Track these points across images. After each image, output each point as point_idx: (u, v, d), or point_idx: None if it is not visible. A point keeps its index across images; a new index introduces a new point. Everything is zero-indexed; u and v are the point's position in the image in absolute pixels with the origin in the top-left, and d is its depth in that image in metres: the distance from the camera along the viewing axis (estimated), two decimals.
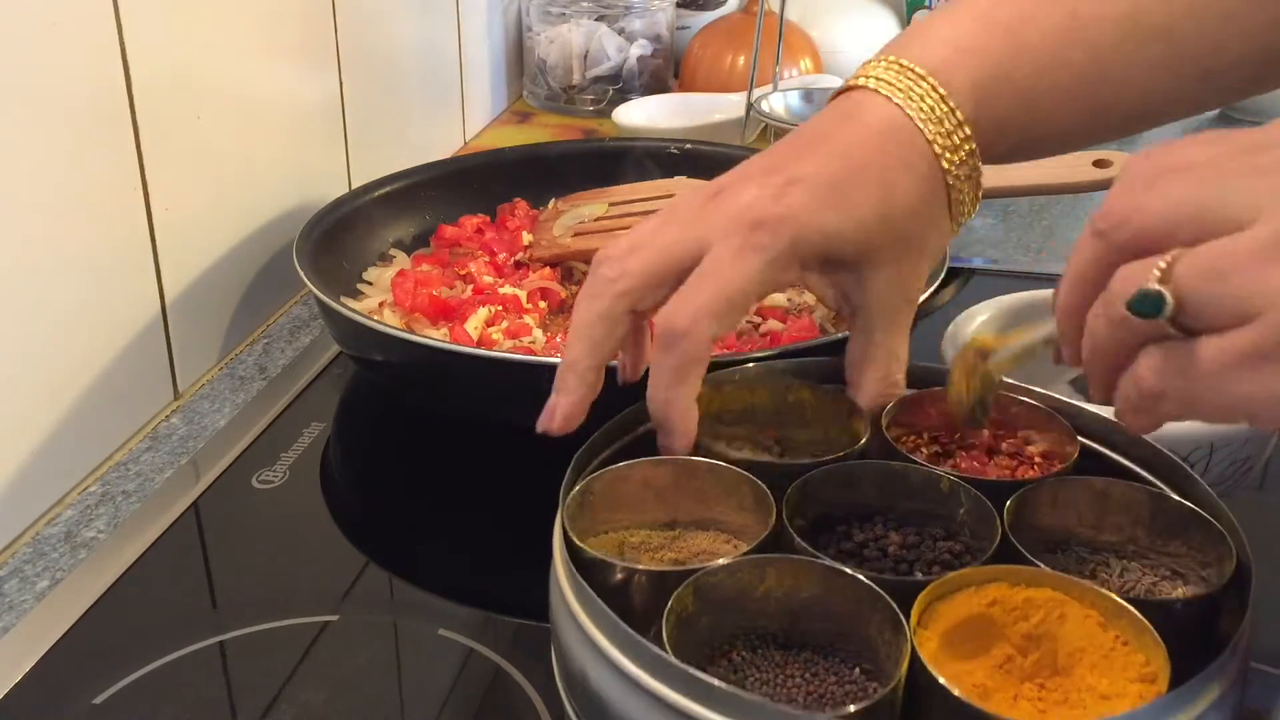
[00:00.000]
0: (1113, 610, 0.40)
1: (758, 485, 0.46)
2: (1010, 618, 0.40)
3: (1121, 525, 0.46)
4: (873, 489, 0.48)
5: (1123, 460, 0.49)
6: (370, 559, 0.60)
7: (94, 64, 0.64)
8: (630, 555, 0.47)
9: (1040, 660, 0.40)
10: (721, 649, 0.43)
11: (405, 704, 0.50)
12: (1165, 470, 0.47)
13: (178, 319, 0.73)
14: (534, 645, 0.52)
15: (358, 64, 0.94)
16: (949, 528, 0.47)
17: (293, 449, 0.68)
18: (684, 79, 1.32)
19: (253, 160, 0.81)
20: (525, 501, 0.48)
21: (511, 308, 0.74)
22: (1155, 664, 0.38)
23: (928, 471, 0.47)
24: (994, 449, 0.51)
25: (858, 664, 0.42)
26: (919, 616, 0.40)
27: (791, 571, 0.42)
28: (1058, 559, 0.46)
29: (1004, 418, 0.51)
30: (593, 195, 0.87)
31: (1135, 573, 0.45)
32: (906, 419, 0.51)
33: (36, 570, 0.59)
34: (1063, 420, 0.50)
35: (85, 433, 0.66)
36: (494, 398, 0.63)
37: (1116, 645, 0.39)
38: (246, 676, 0.52)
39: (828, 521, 0.47)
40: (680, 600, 0.41)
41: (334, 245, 0.78)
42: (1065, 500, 0.46)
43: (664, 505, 0.48)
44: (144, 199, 0.69)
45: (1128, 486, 0.46)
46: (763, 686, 0.41)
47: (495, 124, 1.29)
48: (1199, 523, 0.44)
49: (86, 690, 0.50)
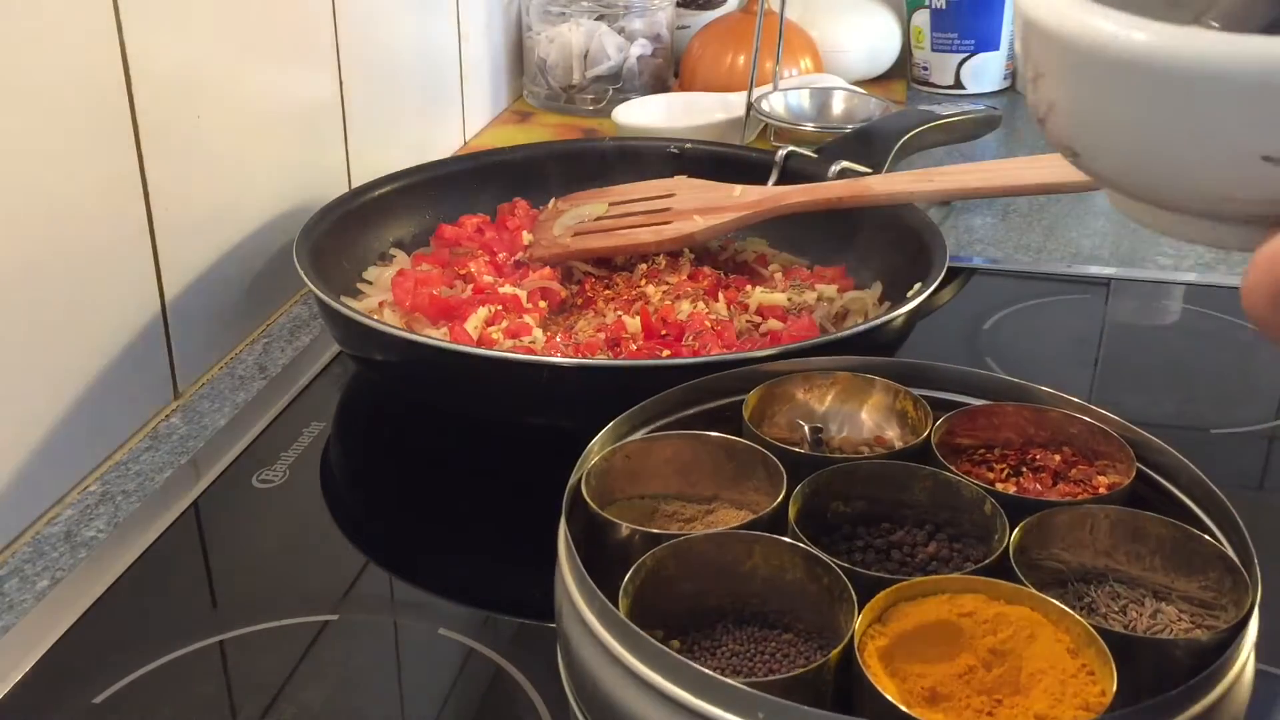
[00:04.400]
0: (1084, 638, 0.40)
1: (775, 468, 0.48)
2: (980, 630, 0.41)
3: (1141, 555, 0.45)
4: (924, 494, 0.48)
5: (1180, 494, 0.48)
6: (370, 559, 0.60)
7: (94, 64, 0.64)
8: (661, 523, 0.49)
9: (1003, 676, 0.40)
10: (708, 617, 0.45)
11: (405, 704, 0.50)
12: (1218, 512, 0.46)
13: (178, 319, 0.73)
14: (534, 645, 0.52)
15: (357, 64, 0.94)
16: (985, 539, 0.47)
17: (293, 449, 0.68)
18: (684, 79, 1.32)
19: (253, 160, 0.81)
20: (526, 501, 0.49)
21: (511, 307, 0.74)
22: (1110, 696, 0.38)
23: (959, 481, 0.48)
24: (1061, 474, 0.51)
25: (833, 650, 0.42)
26: (880, 613, 0.41)
27: (776, 552, 0.44)
28: (1089, 589, 0.45)
29: (1065, 438, 0.51)
30: (593, 195, 0.87)
31: (1169, 615, 0.44)
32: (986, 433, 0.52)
33: (36, 570, 0.59)
34: (1123, 444, 0.49)
35: (85, 432, 0.66)
36: (494, 397, 0.63)
37: (1080, 673, 0.39)
38: (246, 676, 0.52)
39: (872, 517, 0.49)
40: (657, 560, 0.43)
41: (334, 245, 0.78)
42: (1097, 527, 0.46)
43: (687, 480, 0.51)
44: (144, 199, 0.69)
45: (1157, 520, 0.45)
46: (732, 658, 0.43)
47: (495, 124, 1.29)
48: (1227, 566, 0.43)
49: (86, 690, 0.50)
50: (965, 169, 0.81)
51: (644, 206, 0.84)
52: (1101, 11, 0.33)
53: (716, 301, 0.75)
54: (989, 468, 0.51)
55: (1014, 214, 1.04)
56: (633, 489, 0.50)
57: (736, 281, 0.80)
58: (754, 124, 1.14)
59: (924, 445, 0.50)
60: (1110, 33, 0.32)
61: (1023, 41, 0.37)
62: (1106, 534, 0.46)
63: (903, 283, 0.71)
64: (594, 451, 0.49)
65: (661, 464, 0.50)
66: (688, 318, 0.72)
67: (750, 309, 0.75)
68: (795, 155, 0.89)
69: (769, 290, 0.77)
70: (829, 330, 0.73)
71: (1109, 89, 0.34)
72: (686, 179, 0.87)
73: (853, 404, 0.54)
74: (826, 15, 1.38)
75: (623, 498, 0.50)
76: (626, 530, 0.45)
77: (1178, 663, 0.40)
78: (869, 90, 1.26)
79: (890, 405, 0.54)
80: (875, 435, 0.54)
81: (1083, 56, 0.34)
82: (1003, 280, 0.90)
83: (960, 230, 1.00)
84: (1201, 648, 0.40)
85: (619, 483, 0.50)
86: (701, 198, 0.83)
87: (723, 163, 0.91)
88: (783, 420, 0.54)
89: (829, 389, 0.55)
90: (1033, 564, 0.45)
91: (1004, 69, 1.41)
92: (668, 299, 0.75)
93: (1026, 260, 0.93)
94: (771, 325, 0.73)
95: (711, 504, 0.50)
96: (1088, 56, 0.34)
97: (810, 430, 0.54)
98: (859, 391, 0.54)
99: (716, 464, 0.50)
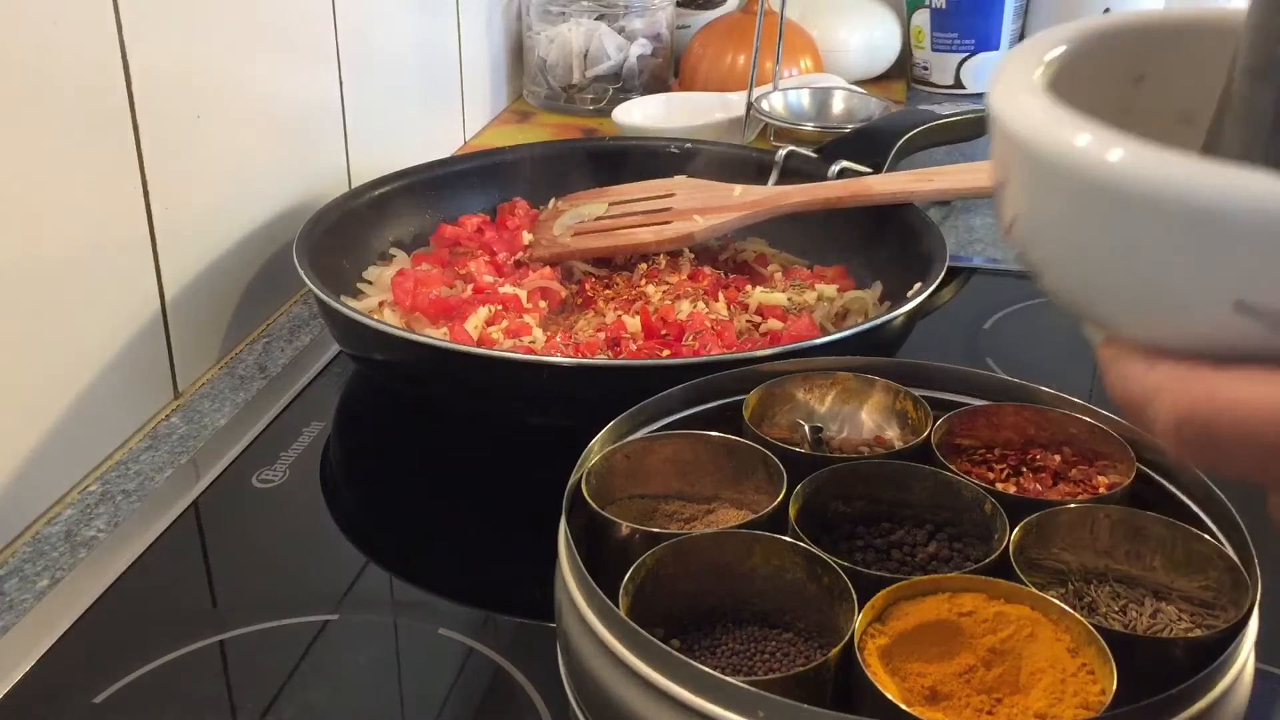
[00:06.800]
0: (1084, 637, 0.40)
1: (775, 468, 0.48)
2: (980, 629, 0.41)
3: (1141, 554, 0.45)
4: (924, 494, 0.48)
5: (1180, 494, 0.48)
6: (370, 559, 0.60)
7: (94, 64, 0.64)
8: (661, 522, 0.49)
9: (1003, 675, 0.40)
10: (707, 616, 0.45)
11: (405, 704, 0.50)
12: (1217, 512, 0.46)
13: (178, 318, 0.73)
14: (534, 645, 0.52)
15: (357, 64, 0.94)
16: (985, 539, 0.47)
17: (293, 449, 0.68)
18: (684, 78, 1.32)
19: (253, 160, 0.81)
20: (526, 500, 0.49)
21: (511, 307, 0.74)
22: (1110, 696, 0.38)
23: (959, 481, 0.48)
24: (1061, 474, 0.51)
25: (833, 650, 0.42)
26: (880, 612, 0.41)
27: (776, 551, 0.44)
28: (1089, 589, 0.45)
29: (1065, 438, 0.51)
30: (593, 195, 0.87)
31: (1169, 615, 0.44)
32: (986, 433, 0.52)
33: (36, 569, 0.59)
34: (1124, 444, 0.49)
35: (85, 432, 0.66)
36: (494, 397, 0.63)
37: (1080, 672, 0.39)
38: (246, 676, 0.52)
39: (872, 517, 0.49)
40: (657, 559, 0.43)
41: (334, 245, 0.78)
42: (1097, 527, 0.46)
43: (687, 480, 0.51)
44: (144, 199, 0.69)
45: (1157, 520, 0.45)
46: (732, 657, 0.43)
47: (495, 123, 1.29)
48: (1227, 566, 0.43)
49: (86, 690, 0.50)
50: (965, 169, 0.82)
51: (644, 206, 0.84)
52: (1072, 120, 0.28)
53: (716, 301, 0.75)
54: (989, 468, 0.51)
55: None
56: (633, 489, 0.50)
57: (736, 281, 0.80)
58: (754, 124, 1.14)
59: (924, 445, 0.50)
60: (1080, 147, 0.27)
61: (991, 140, 0.32)
62: (1106, 534, 0.46)
63: (903, 283, 0.71)
64: (594, 451, 0.49)
65: (661, 464, 0.50)
66: (688, 318, 0.72)
67: (750, 309, 0.75)
68: (795, 155, 0.89)
69: (769, 290, 0.77)
70: (829, 330, 0.73)
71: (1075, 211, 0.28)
72: (686, 179, 0.87)
73: (853, 404, 0.54)
74: (826, 15, 1.38)
75: (623, 497, 0.50)
76: (626, 529, 0.45)
77: (1178, 662, 0.40)
78: (869, 90, 1.26)
79: (890, 405, 0.54)
80: (875, 435, 0.54)
81: (1048, 170, 0.29)
82: (1003, 280, 0.90)
83: (960, 230, 1.00)
84: (1201, 647, 0.40)
85: (619, 482, 0.50)
86: (701, 197, 0.83)
87: (723, 163, 0.91)
88: (783, 420, 0.54)
89: (829, 389, 0.55)
90: (1033, 564, 0.45)
91: None
92: (668, 299, 0.75)
93: None
94: (771, 325, 0.73)
95: (711, 504, 0.51)
96: (1053, 171, 0.28)
97: (810, 430, 0.54)
98: (859, 391, 0.54)
99: (716, 464, 0.50)
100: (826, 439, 0.54)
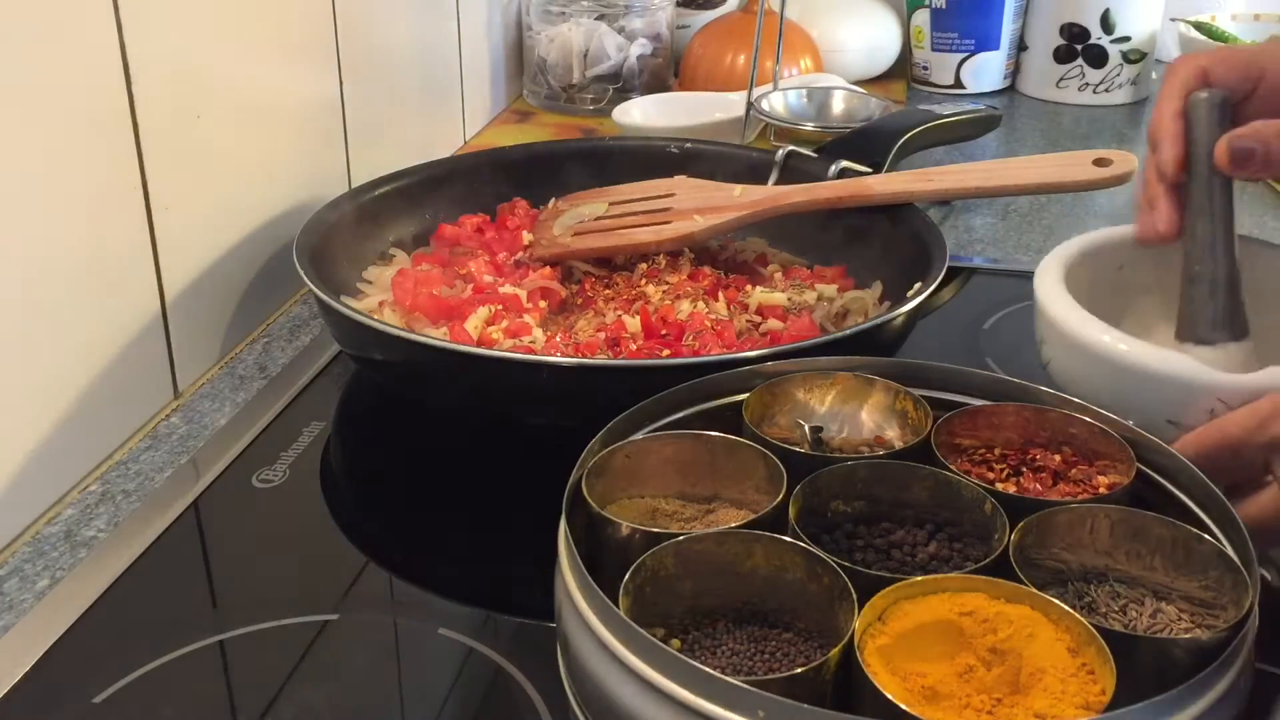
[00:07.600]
0: (1084, 637, 0.40)
1: (775, 468, 0.48)
2: (981, 629, 0.41)
3: (1141, 554, 0.46)
4: (925, 494, 0.49)
5: (1180, 494, 0.48)
6: (370, 559, 0.60)
7: (94, 64, 0.64)
8: (661, 522, 0.49)
9: (1003, 675, 0.40)
10: (707, 616, 0.45)
11: (405, 704, 0.50)
12: (1217, 512, 0.46)
13: (178, 318, 0.73)
14: (534, 645, 0.52)
15: (358, 64, 0.94)
16: (985, 539, 0.47)
17: (293, 448, 0.68)
18: (684, 78, 1.32)
19: (253, 160, 0.81)
20: (525, 500, 0.49)
21: (511, 307, 0.74)
22: (1110, 696, 0.38)
23: (959, 481, 0.48)
24: (1061, 474, 0.51)
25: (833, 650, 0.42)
26: (881, 612, 0.41)
27: (776, 551, 0.44)
28: (1089, 589, 0.45)
29: (1065, 438, 0.51)
30: (593, 195, 0.87)
31: (1169, 615, 0.44)
32: (986, 433, 0.52)
33: (36, 569, 0.59)
34: (1123, 444, 0.50)
35: (85, 432, 0.66)
36: (494, 397, 0.63)
37: (1080, 672, 0.39)
38: (246, 676, 0.52)
39: (872, 517, 0.49)
40: (658, 559, 0.43)
41: (334, 244, 0.78)
42: (1098, 527, 0.46)
43: (687, 480, 0.51)
44: (144, 199, 0.69)
45: (1157, 520, 0.45)
46: (732, 657, 0.43)
47: (495, 123, 1.29)
48: (1227, 566, 0.43)
49: (86, 689, 0.50)
50: (965, 169, 0.81)
51: (644, 206, 0.84)
52: (1095, 322, 0.58)
53: (716, 301, 0.75)
54: (989, 468, 0.51)
55: (1014, 214, 1.04)
56: (633, 489, 0.50)
57: (736, 281, 0.80)
58: (754, 124, 1.14)
59: (924, 445, 0.50)
60: (1106, 341, 0.57)
61: (1036, 314, 0.62)
62: (1106, 534, 0.46)
63: (903, 283, 0.71)
64: (594, 451, 0.49)
65: (661, 464, 0.50)
66: (688, 318, 0.72)
67: (750, 309, 0.75)
68: (795, 155, 0.88)
69: (769, 290, 0.77)
70: (829, 330, 0.73)
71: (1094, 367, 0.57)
72: (686, 179, 0.87)
73: (853, 404, 0.54)
74: (826, 15, 1.38)
75: (623, 497, 0.50)
76: (627, 529, 0.45)
77: (1178, 662, 0.40)
78: (869, 90, 1.26)
79: (890, 405, 0.54)
80: (875, 435, 0.54)
81: (1071, 344, 0.59)
82: (1003, 280, 0.90)
83: (960, 230, 1.00)
84: (1201, 647, 0.40)
85: (619, 482, 0.50)
86: (701, 197, 0.83)
87: (723, 163, 0.91)
88: (783, 420, 0.54)
89: (829, 389, 0.55)
90: (1033, 563, 0.45)
91: (1004, 69, 1.41)
92: (668, 299, 0.75)
93: (1026, 260, 0.93)
94: (771, 325, 0.73)
95: (711, 504, 0.51)
96: (1086, 350, 0.58)
97: (810, 430, 0.54)
98: (859, 391, 0.54)
99: (716, 464, 0.50)
100: (826, 439, 0.54)
